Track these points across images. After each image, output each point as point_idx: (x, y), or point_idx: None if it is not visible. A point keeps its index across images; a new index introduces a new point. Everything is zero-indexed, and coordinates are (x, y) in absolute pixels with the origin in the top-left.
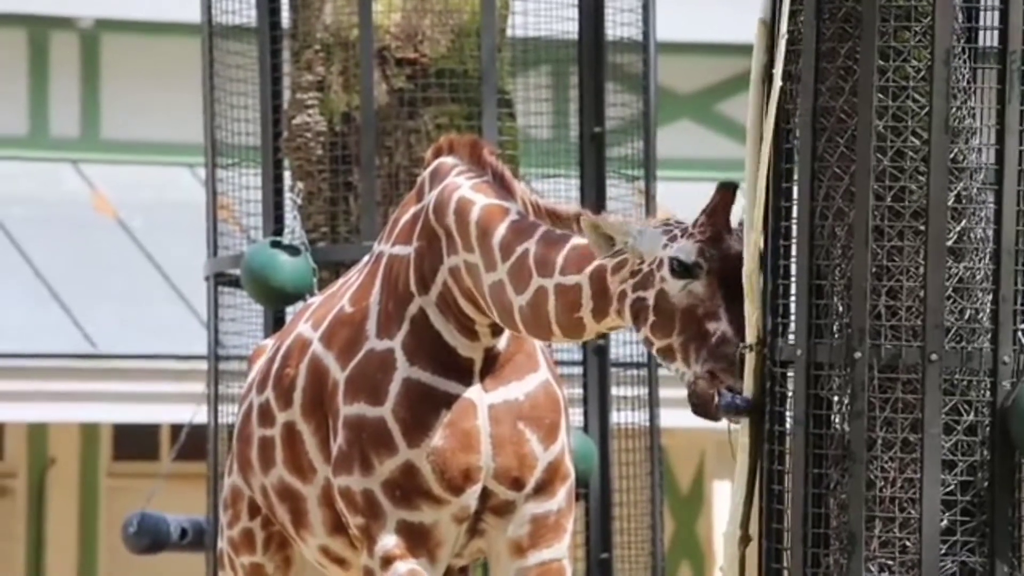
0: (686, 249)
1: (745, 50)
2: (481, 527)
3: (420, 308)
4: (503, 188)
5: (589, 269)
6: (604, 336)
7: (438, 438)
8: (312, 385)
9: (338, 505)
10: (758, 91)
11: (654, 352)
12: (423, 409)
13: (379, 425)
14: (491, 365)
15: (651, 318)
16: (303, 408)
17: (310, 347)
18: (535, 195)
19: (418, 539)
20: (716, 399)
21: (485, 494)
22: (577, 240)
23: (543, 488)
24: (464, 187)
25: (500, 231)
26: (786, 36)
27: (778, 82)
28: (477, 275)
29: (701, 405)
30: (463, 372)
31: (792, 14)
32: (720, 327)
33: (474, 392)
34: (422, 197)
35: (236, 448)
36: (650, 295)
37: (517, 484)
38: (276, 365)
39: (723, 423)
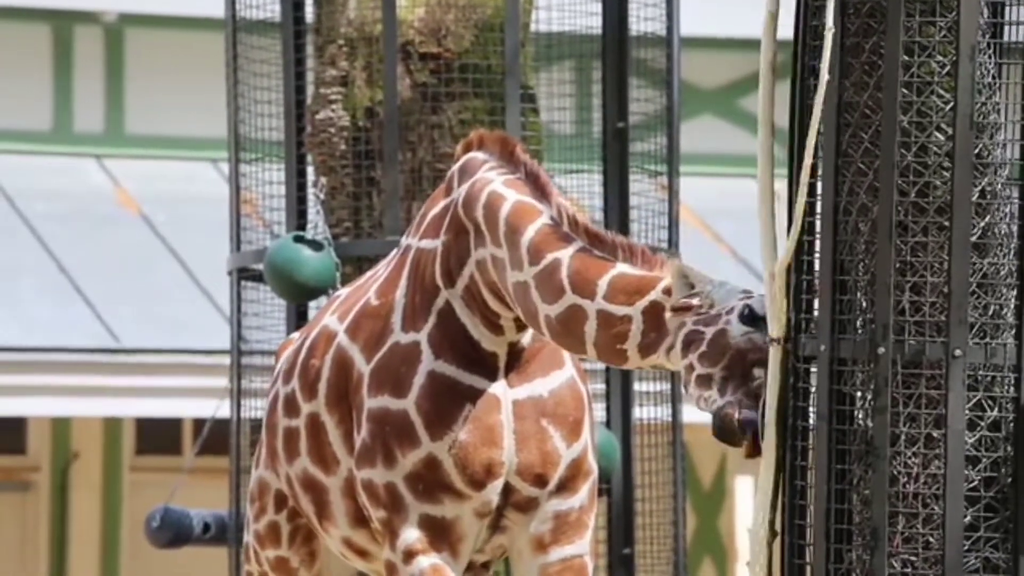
0: (760, 303)
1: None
2: (503, 523)
3: (446, 301)
4: (537, 189)
5: (642, 304)
6: None
7: (461, 432)
8: (337, 377)
9: (360, 498)
10: (767, 83)
11: (691, 377)
12: (446, 402)
13: (402, 418)
14: (516, 361)
15: (703, 348)
16: (327, 400)
17: (336, 339)
18: (574, 207)
19: (440, 533)
20: (736, 415)
21: (507, 490)
22: (623, 268)
23: (566, 485)
24: (496, 182)
25: (530, 232)
26: (832, 29)
27: (824, 75)
28: (503, 269)
29: (726, 429)
30: (488, 367)
31: (817, 9)
32: (762, 376)
33: (498, 387)
34: (451, 191)
35: (264, 439)
36: (710, 331)
37: (540, 481)
38: (302, 356)
39: None
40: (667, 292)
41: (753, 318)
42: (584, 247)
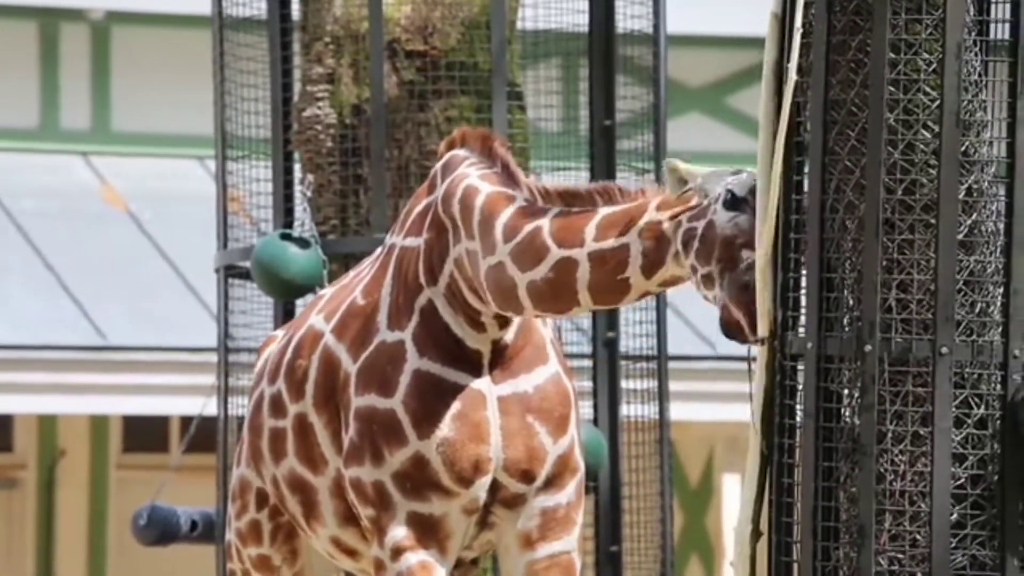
0: (741, 183)
1: (755, 43)
2: (491, 520)
3: (429, 299)
4: (509, 179)
5: (636, 229)
6: (613, 328)
7: (448, 429)
8: (324, 377)
9: (349, 497)
10: (770, 85)
11: (696, 278)
12: (433, 400)
13: (389, 416)
14: (499, 358)
15: (696, 245)
16: (315, 400)
17: (322, 339)
18: (544, 183)
19: (428, 531)
20: (735, 314)
21: (495, 486)
22: (606, 210)
23: (553, 481)
24: (472, 176)
25: (504, 216)
26: (800, 30)
27: (793, 76)
28: (475, 262)
29: (729, 327)
30: (472, 364)
31: (804, 7)
32: (751, 256)
33: (483, 384)
34: (434, 189)
35: (247, 438)
36: (700, 224)
37: (527, 477)
38: (288, 356)
39: (731, 414)
40: (659, 209)
41: (735, 202)
42: (562, 211)
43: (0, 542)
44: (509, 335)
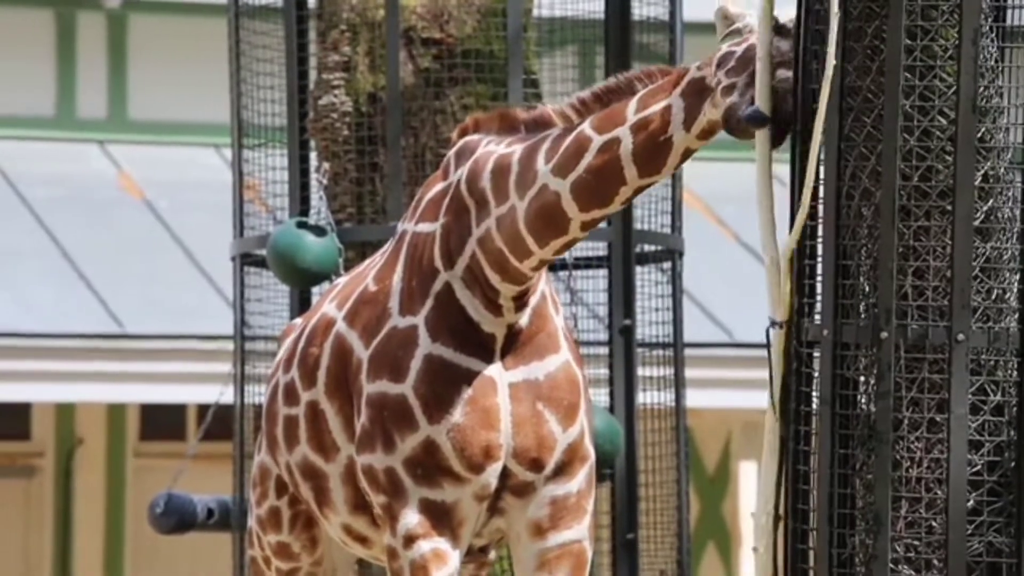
0: (787, 18)
1: None
2: (500, 506)
3: (445, 283)
4: (539, 128)
5: (679, 90)
6: (630, 316)
7: (458, 415)
8: (336, 364)
9: (361, 484)
10: (765, 72)
11: (718, 91)
12: (444, 385)
13: (400, 402)
14: (512, 343)
15: (731, 64)
16: (327, 387)
17: (334, 326)
18: (579, 94)
19: (440, 517)
20: (741, 112)
21: (505, 474)
22: (645, 90)
23: (563, 469)
24: (499, 150)
25: (543, 148)
26: (838, 14)
27: (832, 60)
28: (511, 216)
29: (731, 122)
30: (485, 349)
31: None
32: (787, 76)
33: (494, 370)
34: (447, 176)
35: (264, 427)
36: (740, 48)
37: (536, 465)
38: (301, 344)
39: (747, 401)
40: (700, 69)
41: (778, 28)
42: (600, 112)
43: (18, 530)
44: (524, 320)
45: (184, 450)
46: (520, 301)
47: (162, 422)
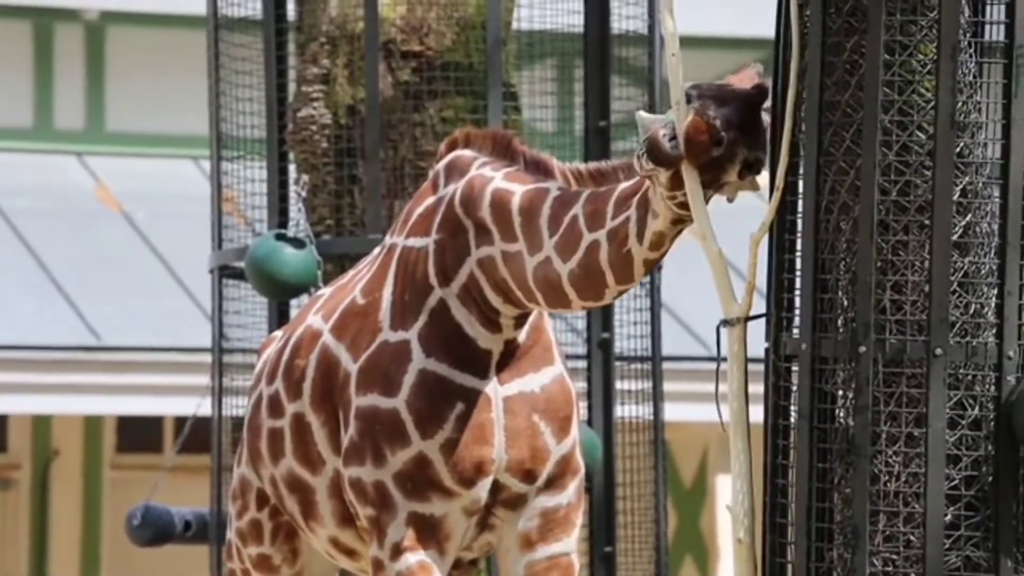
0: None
1: (750, 44)
2: (492, 521)
3: (440, 299)
4: (539, 171)
5: (635, 200)
6: (608, 329)
7: (452, 430)
8: (322, 377)
9: (348, 496)
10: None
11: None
12: (438, 401)
13: (392, 417)
14: (509, 357)
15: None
16: (312, 399)
17: (320, 338)
18: (577, 165)
19: (428, 531)
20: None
21: (497, 488)
22: (622, 186)
23: (554, 481)
24: (497, 179)
25: (545, 211)
26: (797, 32)
27: (794, 79)
28: (519, 261)
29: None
30: (480, 364)
31: (799, 8)
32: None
33: (489, 385)
34: (437, 189)
35: (246, 439)
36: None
37: (529, 477)
38: (286, 356)
39: (725, 416)
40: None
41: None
42: (592, 192)
43: None
44: (521, 335)
45: (161, 462)
46: (519, 319)
47: (139, 434)
